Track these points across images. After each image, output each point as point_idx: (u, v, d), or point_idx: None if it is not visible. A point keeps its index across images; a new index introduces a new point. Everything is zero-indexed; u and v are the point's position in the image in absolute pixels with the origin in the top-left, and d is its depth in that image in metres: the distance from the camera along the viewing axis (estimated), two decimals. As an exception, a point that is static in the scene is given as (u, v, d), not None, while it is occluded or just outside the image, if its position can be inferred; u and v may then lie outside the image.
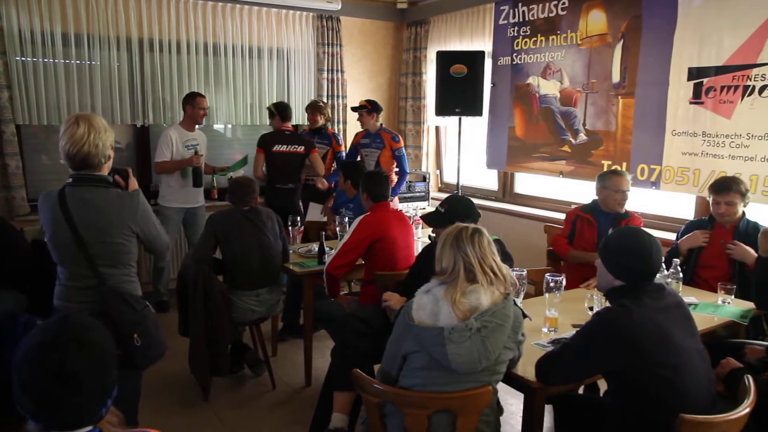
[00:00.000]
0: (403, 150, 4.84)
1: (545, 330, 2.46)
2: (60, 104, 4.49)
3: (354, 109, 4.95)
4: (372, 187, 3.34)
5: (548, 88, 4.66)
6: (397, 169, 4.89)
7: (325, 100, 5.17)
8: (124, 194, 2.14)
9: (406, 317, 1.93)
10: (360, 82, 6.01)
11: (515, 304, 1.97)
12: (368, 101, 4.86)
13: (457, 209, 2.73)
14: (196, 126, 4.69)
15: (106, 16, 4.57)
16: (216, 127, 5.51)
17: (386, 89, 6.20)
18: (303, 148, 4.74)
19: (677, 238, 3.30)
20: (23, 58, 4.34)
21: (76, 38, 4.50)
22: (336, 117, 5.77)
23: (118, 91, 4.72)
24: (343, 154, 5.10)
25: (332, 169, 5.03)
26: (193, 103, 4.54)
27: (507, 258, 2.73)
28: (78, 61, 4.54)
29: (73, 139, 2.07)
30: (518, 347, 1.99)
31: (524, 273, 2.59)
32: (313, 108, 4.96)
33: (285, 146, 4.71)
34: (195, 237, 4.70)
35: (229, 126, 5.53)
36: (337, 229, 3.97)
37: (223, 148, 5.53)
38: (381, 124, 4.91)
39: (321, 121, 4.97)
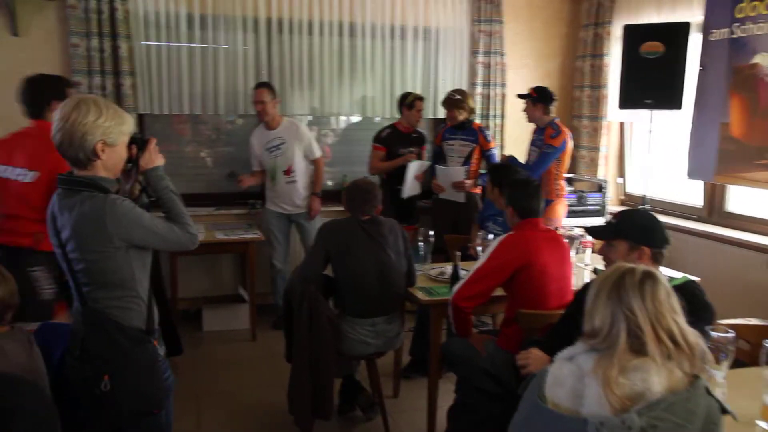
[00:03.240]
0: (555, 151, 4.41)
1: (763, 425, 1.87)
2: (182, 92, 4.68)
3: (519, 95, 4.60)
4: (519, 199, 2.96)
5: (784, 69, 3.89)
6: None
7: (465, 90, 4.87)
8: (99, 202, 1.92)
9: (535, 393, 1.52)
10: (524, 67, 5.63)
11: (709, 392, 1.46)
12: (535, 88, 4.52)
13: (632, 224, 2.30)
14: (284, 118, 4.67)
15: (234, -7, 4.70)
16: (353, 119, 5.48)
17: (557, 76, 5.75)
18: None
19: None
20: (147, 43, 4.59)
21: (201, 19, 4.67)
22: (492, 110, 5.45)
23: (242, 77, 4.82)
24: (494, 151, 4.77)
25: (479, 171, 4.78)
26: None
27: (703, 309, 2.19)
28: (202, 45, 4.72)
29: (54, 122, 1.92)
30: (711, 460, 1.47)
31: (731, 335, 2.01)
32: (449, 104, 4.68)
33: None
34: (307, 248, 4.69)
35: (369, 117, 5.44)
36: (479, 248, 3.62)
37: (353, 144, 5.44)
38: (554, 118, 4.51)
39: (461, 116, 4.66)
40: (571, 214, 4.94)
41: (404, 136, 4.78)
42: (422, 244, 3.81)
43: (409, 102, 4.70)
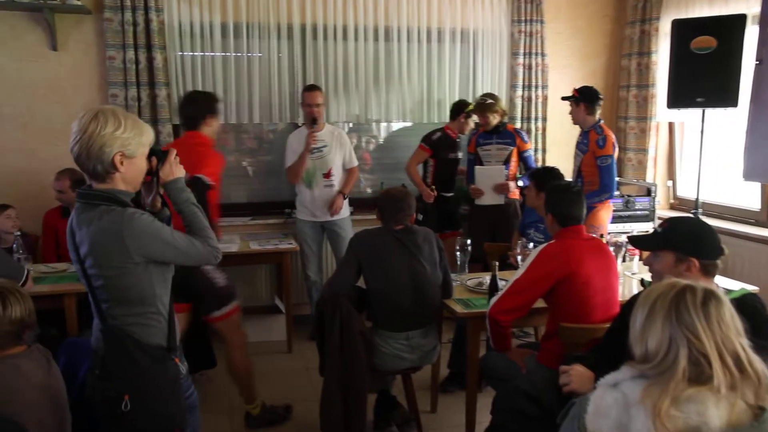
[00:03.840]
0: (612, 159, 4.17)
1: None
2: (216, 101, 4.63)
3: (564, 98, 4.44)
4: (559, 205, 2.77)
5: None
6: None
7: (495, 94, 4.70)
8: (117, 217, 1.83)
9: (575, 424, 1.35)
10: (567, 67, 5.42)
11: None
12: (579, 89, 4.33)
13: (679, 233, 2.08)
14: (325, 123, 4.58)
15: (267, 1, 4.62)
16: (394, 126, 5.38)
17: (601, 76, 5.52)
18: None
19: None
20: (182, 53, 4.56)
21: (235, 28, 4.61)
22: (534, 113, 5.26)
23: (277, 85, 4.75)
24: (531, 152, 4.66)
25: (517, 174, 4.64)
26: (303, 98, 4.48)
27: (766, 325, 1.95)
28: (236, 53, 4.66)
29: (71, 134, 1.84)
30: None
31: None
32: (482, 109, 4.51)
33: None
34: (338, 257, 4.57)
35: (406, 124, 5.32)
36: (519, 257, 3.44)
37: (394, 151, 5.31)
38: (599, 120, 4.30)
39: (495, 120, 4.51)
40: (618, 219, 4.72)
41: (452, 141, 4.71)
42: (459, 253, 3.64)
43: (468, 111, 4.64)
